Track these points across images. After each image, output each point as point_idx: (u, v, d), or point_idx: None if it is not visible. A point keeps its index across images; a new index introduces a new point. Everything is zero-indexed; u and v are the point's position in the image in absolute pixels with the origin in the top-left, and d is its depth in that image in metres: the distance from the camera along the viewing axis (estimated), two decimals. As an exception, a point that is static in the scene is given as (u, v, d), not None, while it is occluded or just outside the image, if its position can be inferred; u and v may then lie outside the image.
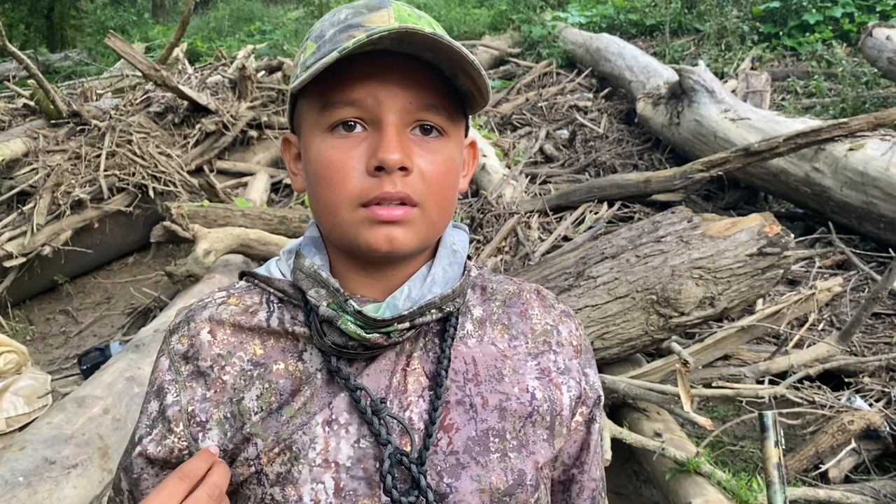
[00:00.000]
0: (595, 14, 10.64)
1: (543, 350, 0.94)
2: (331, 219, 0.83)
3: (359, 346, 0.84)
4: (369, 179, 0.80)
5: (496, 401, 0.88)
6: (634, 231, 3.20)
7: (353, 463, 0.82)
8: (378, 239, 0.81)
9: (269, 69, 8.05)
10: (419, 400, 0.86)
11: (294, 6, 16.58)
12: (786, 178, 5.07)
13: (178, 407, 0.87)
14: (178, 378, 0.87)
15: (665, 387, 2.83)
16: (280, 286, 0.90)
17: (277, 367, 0.86)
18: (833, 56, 8.06)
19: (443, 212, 0.85)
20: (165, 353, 0.90)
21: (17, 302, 5.10)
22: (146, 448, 0.87)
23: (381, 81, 0.80)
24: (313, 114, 0.84)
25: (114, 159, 5.50)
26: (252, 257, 4.49)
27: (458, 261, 0.90)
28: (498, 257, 4.62)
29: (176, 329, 0.91)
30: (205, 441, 0.85)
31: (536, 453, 0.89)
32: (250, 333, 0.89)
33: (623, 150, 6.94)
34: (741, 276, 3.03)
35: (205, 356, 0.88)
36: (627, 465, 3.15)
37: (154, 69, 5.87)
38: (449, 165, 0.84)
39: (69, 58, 14.83)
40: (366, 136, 0.81)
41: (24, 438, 2.55)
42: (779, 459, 1.42)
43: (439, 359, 0.87)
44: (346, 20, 0.83)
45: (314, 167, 0.83)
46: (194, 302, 0.94)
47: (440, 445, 0.85)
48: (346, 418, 0.83)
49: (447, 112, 0.84)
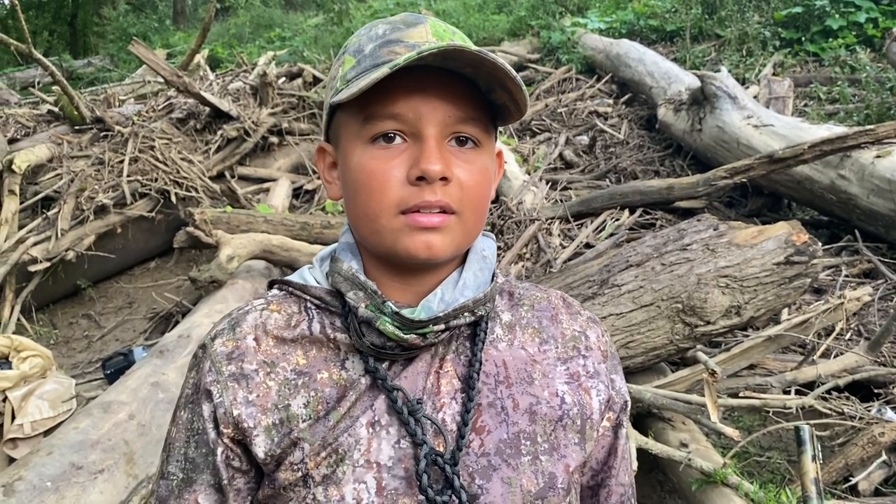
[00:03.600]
0: (615, 20, 10.59)
1: (573, 355, 0.97)
2: (370, 226, 0.85)
3: (396, 347, 0.86)
4: (409, 188, 0.82)
5: (527, 403, 0.90)
6: (659, 239, 3.17)
7: (394, 463, 0.84)
8: (417, 245, 0.83)
9: (289, 76, 8.09)
10: (452, 402, 0.88)
11: (314, 13, 16.68)
12: (811, 185, 5.01)
13: (222, 409, 0.87)
14: (220, 378, 0.88)
15: (691, 396, 2.80)
16: (317, 293, 0.92)
17: (321, 377, 0.88)
18: (857, 62, 7.96)
19: (478, 219, 0.88)
20: (206, 359, 0.90)
21: (41, 306, 5.15)
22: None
23: (422, 96, 0.83)
24: (355, 125, 0.86)
25: (136, 165, 5.55)
26: (274, 263, 4.50)
27: (487, 267, 0.93)
28: (519, 264, 4.60)
29: (219, 334, 0.91)
30: (252, 446, 0.86)
31: (567, 457, 0.91)
32: (293, 344, 0.90)
33: (644, 156, 6.90)
34: (768, 285, 3.00)
35: (250, 360, 0.88)
36: (652, 476, 3.12)
37: (176, 75, 5.92)
38: (484, 175, 0.88)
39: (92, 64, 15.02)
40: (406, 147, 0.84)
41: (51, 443, 2.56)
42: (816, 474, 1.40)
43: (471, 362, 0.90)
44: (385, 35, 0.86)
45: (355, 176, 0.86)
46: (233, 310, 0.95)
47: (472, 447, 0.87)
48: (387, 419, 0.86)
49: (483, 124, 0.87)
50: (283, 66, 9.04)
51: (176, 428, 0.91)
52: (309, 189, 6.46)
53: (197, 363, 0.92)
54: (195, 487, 0.89)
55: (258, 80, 7.08)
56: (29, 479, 2.31)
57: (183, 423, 0.90)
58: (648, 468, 2.98)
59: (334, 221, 4.92)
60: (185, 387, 0.93)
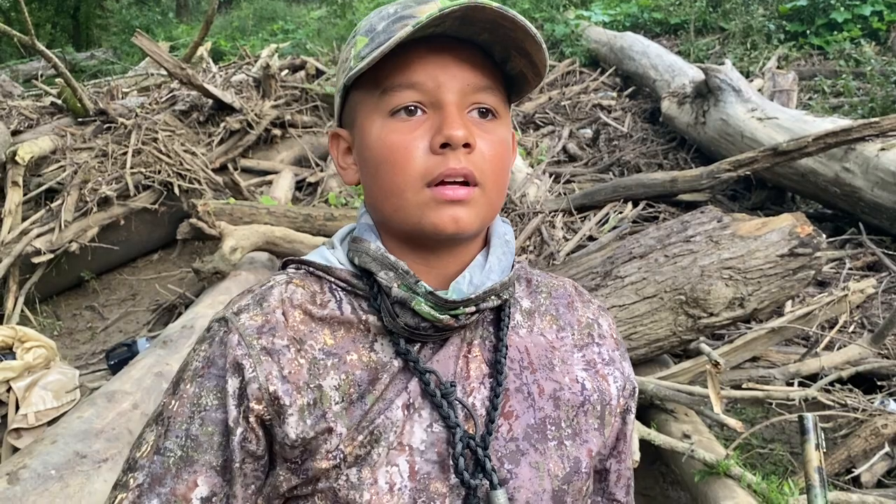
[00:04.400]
0: (619, 12, 10.57)
1: (588, 342, 0.97)
2: (394, 202, 0.84)
3: (430, 328, 0.85)
4: (433, 157, 0.82)
5: (551, 389, 0.91)
6: (663, 231, 3.17)
7: (426, 447, 0.83)
8: (444, 220, 0.82)
9: (292, 68, 8.08)
10: (481, 387, 0.88)
11: (316, 5, 16.64)
12: (815, 178, 5.00)
13: (256, 384, 0.82)
14: (251, 352, 0.83)
15: (694, 388, 2.80)
16: (342, 275, 0.90)
17: (351, 358, 0.85)
18: (861, 55, 7.93)
19: (500, 192, 0.88)
20: (233, 332, 0.84)
21: (44, 298, 5.15)
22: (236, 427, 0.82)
23: (439, 64, 0.82)
24: (371, 101, 0.85)
25: (139, 157, 5.54)
26: (277, 254, 4.50)
27: (510, 251, 0.92)
28: (522, 257, 4.60)
29: (244, 309, 0.86)
30: (283, 426, 0.82)
31: (589, 441, 0.92)
32: (320, 323, 0.87)
33: (647, 149, 6.88)
34: (772, 277, 2.99)
35: (280, 335, 0.85)
36: (654, 467, 3.12)
37: (179, 67, 5.91)
38: (504, 146, 0.87)
39: (95, 56, 15.00)
40: (426, 118, 0.83)
41: (55, 432, 2.57)
42: (819, 463, 1.39)
43: (496, 347, 0.89)
44: (397, 13, 0.84)
45: (376, 152, 0.84)
46: (254, 286, 0.91)
47: (501, 432, 0.87)
48: (420, 402, 0.85)
49: (500, 94, 0.87)
50: (286, 58, 9.03)
51: (178, 402, 0.84)
52: (312, 181, 6.45)
53: (214, 337, 0.86)
54: (195, 468, 0.82)
55: (261, 72, 7.07)
56: (33, 468, 2.32)
57: (188, 398, 0.84)
58: (651, 459, 2.98)
59: (337, 213, 4.92)
60: (194, 360, 0.86)
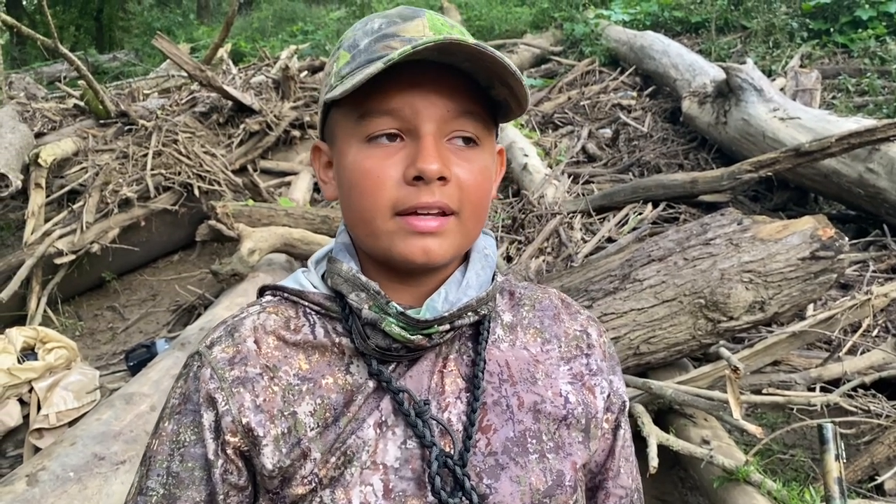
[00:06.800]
0: (639, 11, 10.49)
1: (576, 354, 0.95)
2: (365, 228, 0.83)
3: (402, 349, 0.84)
4: (406, 188, 0.80)
5: (531, 402, 0.89)
6: (682, 233, 3.13)
7: (400, 464, 0.82)
8: (413, 250, 0.81)
9: (311, 69, 8.12)
10: (457, 401, 0.86)
11: (336, 6, 16.70)
12: (838, 178, 4.93)
13: (229, 417, 0.83)
14: (223, 385, 0.84)
15: (714, 393, 2.76)
16: (315, 299, 0.89)
17: (326, 382, 0.85)
18: (887, 53, 7.81)
19: (477, 221, 0.86)
20: (205, 366, 0.85)
21: (66, 298, 5.22)
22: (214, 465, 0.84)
23: (418, 91, 0.80)
24: (349, 123, 0.83)
25: (160, 158, 5.59)
26: (295, 256, 4.52)
27: (489, 265, 0.91)
28: (540, 258, 4.57)
29: (217, 342, 0.87)
30: (260, 456, 0.83)
31: (573, 455, 0.90)
32: (294, 348, 0.87)
33: (668, 149, 6.82)
34: (793, 281, 2.95)
35: (253, 363, 0.85)
36: (673, 472, 3.09)
37: (199, 69, 5.95)
38: (484, 174, 0.85)
39: (117, 59, 15.15)
40: (403, 146, 0.81)
41: (74, 434, 2.59)
42: (839, 474, 1.37)
43: (474, 361, 0.88)
44: (381, 30, 0.83)
45: (349, 175, 0.83)
46: (227, 318, 0.92)
47: (479, 447, 0.85)
48: (393, 419, 0.84)
49: (482, 120, 0.85)
50: (306, 59, 9.07)
51: (158, 441, 0.86)
52: (331, 183, 6.47)
53: (189, 372, 0.87)
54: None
55: (280, 73, 7.11)
56: (52, 470, 2.34)
57: (167, 436, 0.85)
58: (670, 465, 2.95)
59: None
60: (171, 397, 0.88)
